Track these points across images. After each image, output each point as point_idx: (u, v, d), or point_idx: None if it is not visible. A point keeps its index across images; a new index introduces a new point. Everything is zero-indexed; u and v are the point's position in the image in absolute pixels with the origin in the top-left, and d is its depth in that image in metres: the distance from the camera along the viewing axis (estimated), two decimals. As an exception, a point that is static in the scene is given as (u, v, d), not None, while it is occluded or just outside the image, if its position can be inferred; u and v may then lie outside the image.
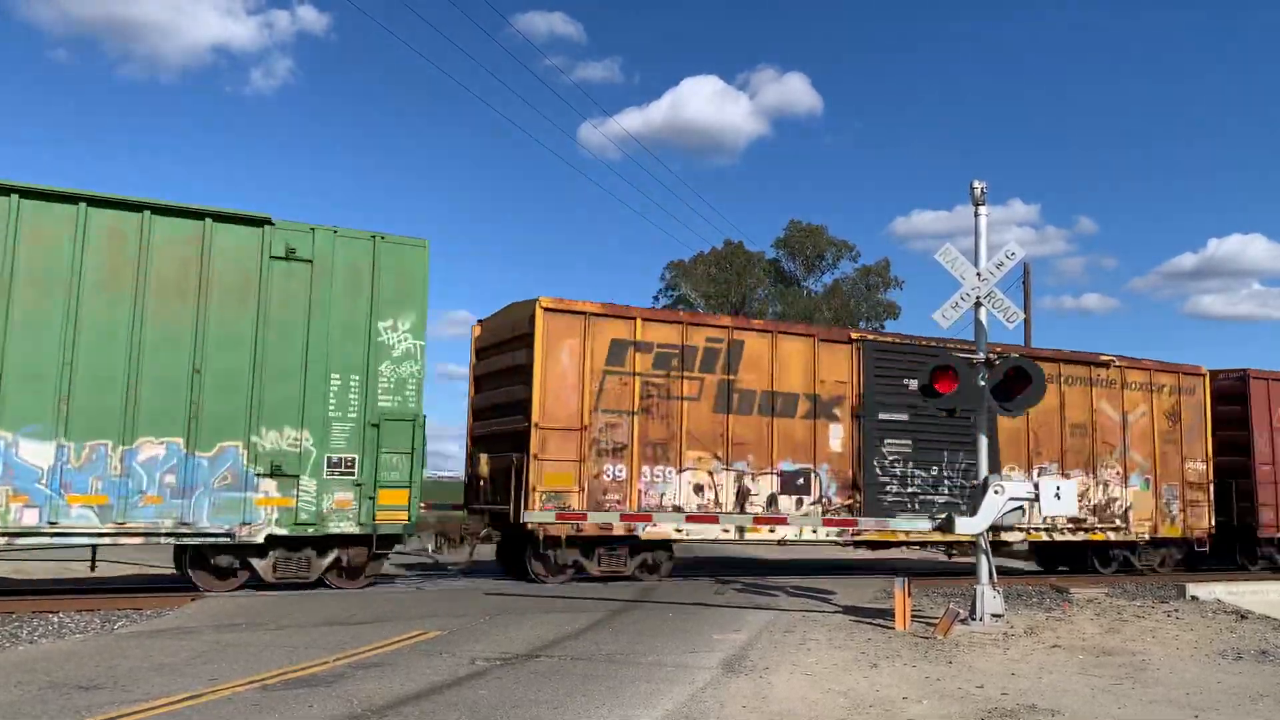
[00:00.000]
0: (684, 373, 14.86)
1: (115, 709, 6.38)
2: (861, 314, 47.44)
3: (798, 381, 15.69)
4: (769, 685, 7.51)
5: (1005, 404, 11.27)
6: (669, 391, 14.70)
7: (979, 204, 11.65)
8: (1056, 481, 11.56)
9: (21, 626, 9.68)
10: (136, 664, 7.90)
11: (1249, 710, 7.10)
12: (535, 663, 8.17)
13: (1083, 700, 7.26)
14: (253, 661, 7.99)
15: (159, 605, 11.12)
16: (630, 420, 14.37)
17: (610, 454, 14.22)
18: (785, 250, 50.12)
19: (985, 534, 11.10)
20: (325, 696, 6.78)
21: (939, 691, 7.46)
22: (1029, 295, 28.84)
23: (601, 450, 14.15)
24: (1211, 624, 11.46)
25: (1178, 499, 18.85)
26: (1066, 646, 9.68)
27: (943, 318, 11.50)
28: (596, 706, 6.67)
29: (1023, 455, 17.30)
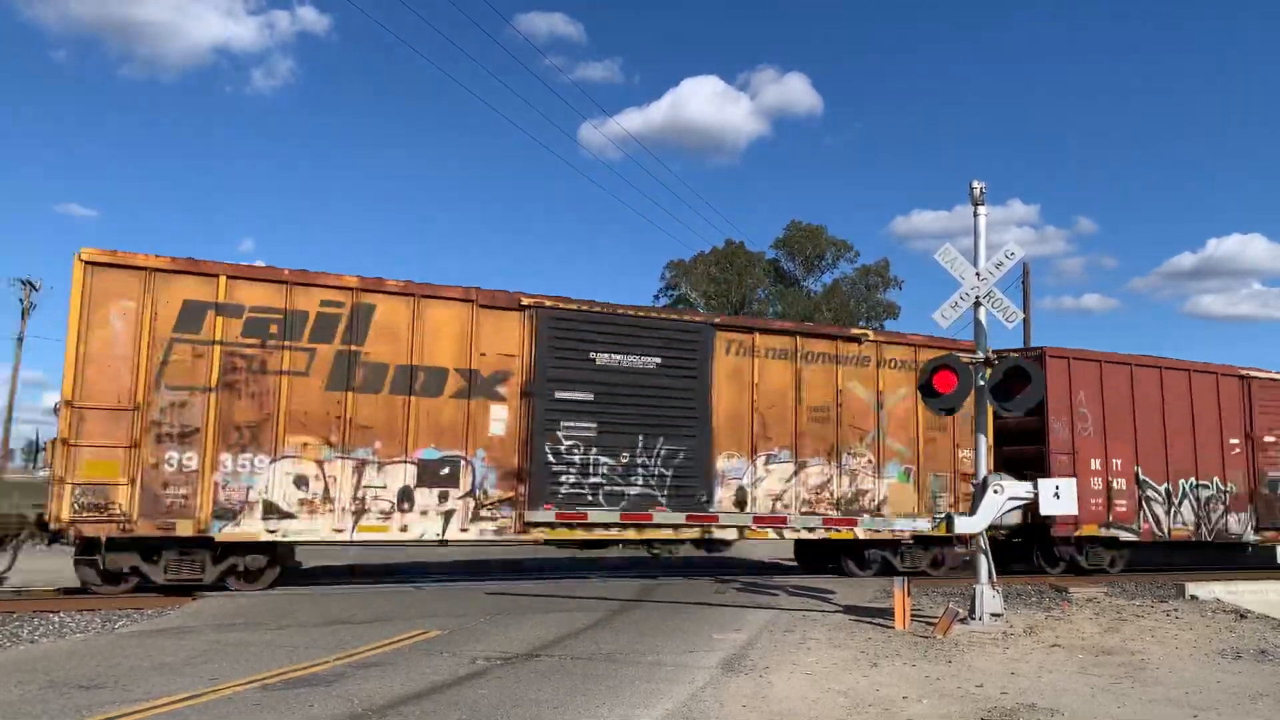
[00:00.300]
0: (287, 342, 12.49)
1: (116, 708, 6.40)
2: (861, 314, 47.48)
3: (448, 354, 13.30)
4: (769, 684, 7.52)
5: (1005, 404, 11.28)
6: (264, 364, 12.34)
7: (978, 204, 11.66)
8: (1056, 481, 11.57)
9: (22, 626, 9.70)
10: (137, 663, 7.91)
11: (1248, 710, 7.11)
12: (535, 662, 8.18)
13: (1082, 699, 7.27)
14: (253, 661, 8.00)
15: (160, 605, 11.13)
16: (206, 398, 11.97)
17: (176, 439, 11.82)
18: (785, 250, 50.17)
19: (984, 533, 11.12)
20: (326, 696, 6.79)
21: (939, 690, 7.47)
22: (1028, 295, 28.88)
23: (164, 435, 11.75)
24: (1211, 623, 11.47)
25: (948, 492, 16.58)
26: (1066, 646, 9.69)
27: (942, 317, 11.51)
28: (597, 706, 6.68)
29: (745, 440, 14.98)
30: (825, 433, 15.74)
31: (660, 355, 14.41)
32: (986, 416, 11.73)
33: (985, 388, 11.31)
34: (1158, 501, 18.18)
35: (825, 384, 15.84)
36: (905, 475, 16.22)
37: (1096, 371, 18.04)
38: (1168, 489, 18.35)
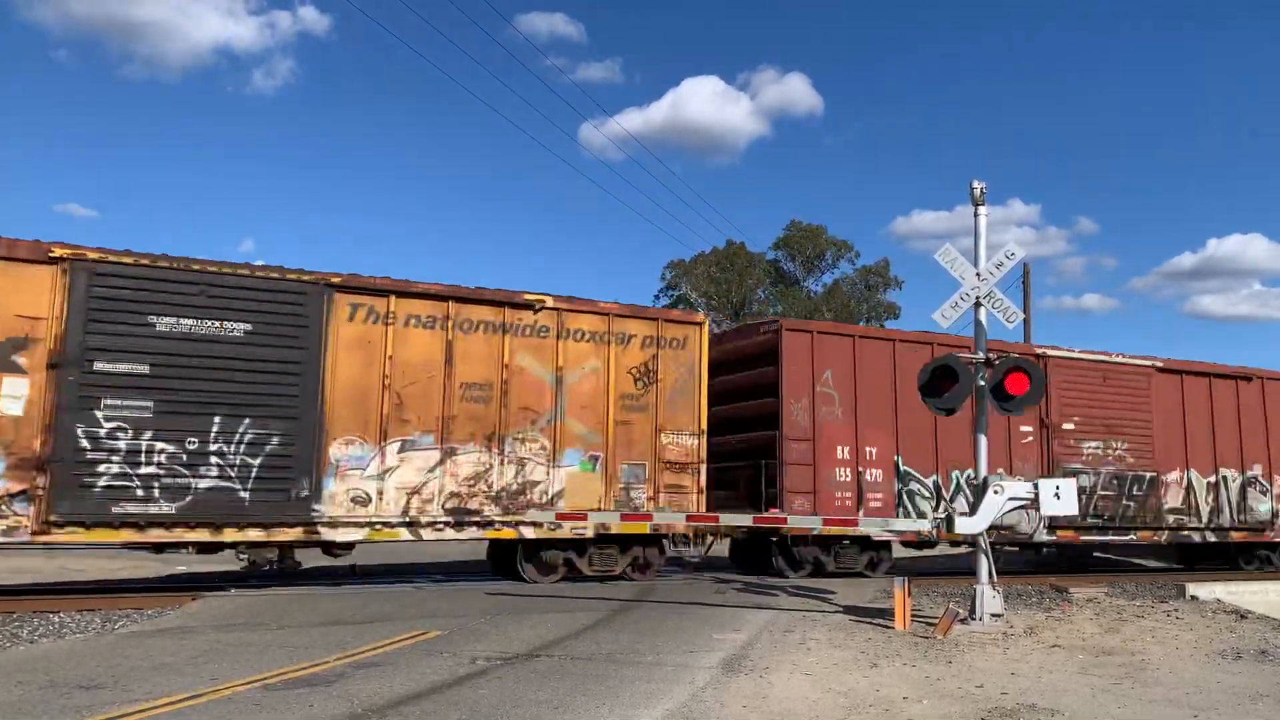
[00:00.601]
0: None
1: (116, 708, 6.40)
2: (862, 314, 47.50)
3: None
4: (769, 685, 7.52)
5: (1005, 404, 11.28)
6: None
7: (978, 204, 11.66)
8: (1056, 481, 11.55)
9: (22, 626, 9.69)
10: (137, 663, 7.91)
11: (1248, 710, 7.11)
12: (535, 662, 8.18)
13: (1082, 700, 7.27)
14: (253, 661, 8.00)
15: (160, 605, 11.12)
16: None
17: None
18: (785, 251, 50.18)
19: (985, 533, 11.11)
20: (326, 696, 6.79)
21: (939, 691, 7.47)
22: (1029, 295, 28.88)
23: None
24: (1211, 624, 11.46)
25: (646, 483, 14.25)
26: (1066, 646, 9.69)
27: (942, 317, 11.50)
28: (597, 706, 6.68)
29: (373, 423, 12.73)
30: (485, 415, 13.39)
31: (250, 321, 12.06)
32: (986, 416, 11.72)
33: (986, 388, 11.31)
34: (923, 496, 16.13)
35: (488, 357, 13.47)
36: (590, 464, 14.00)
37: (849, 348, 16.01)
38: (936, 481, 16.22)
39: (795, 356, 15.59)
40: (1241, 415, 19.11)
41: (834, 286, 49.26)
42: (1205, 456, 18.63)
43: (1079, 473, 17.22)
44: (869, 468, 15.82)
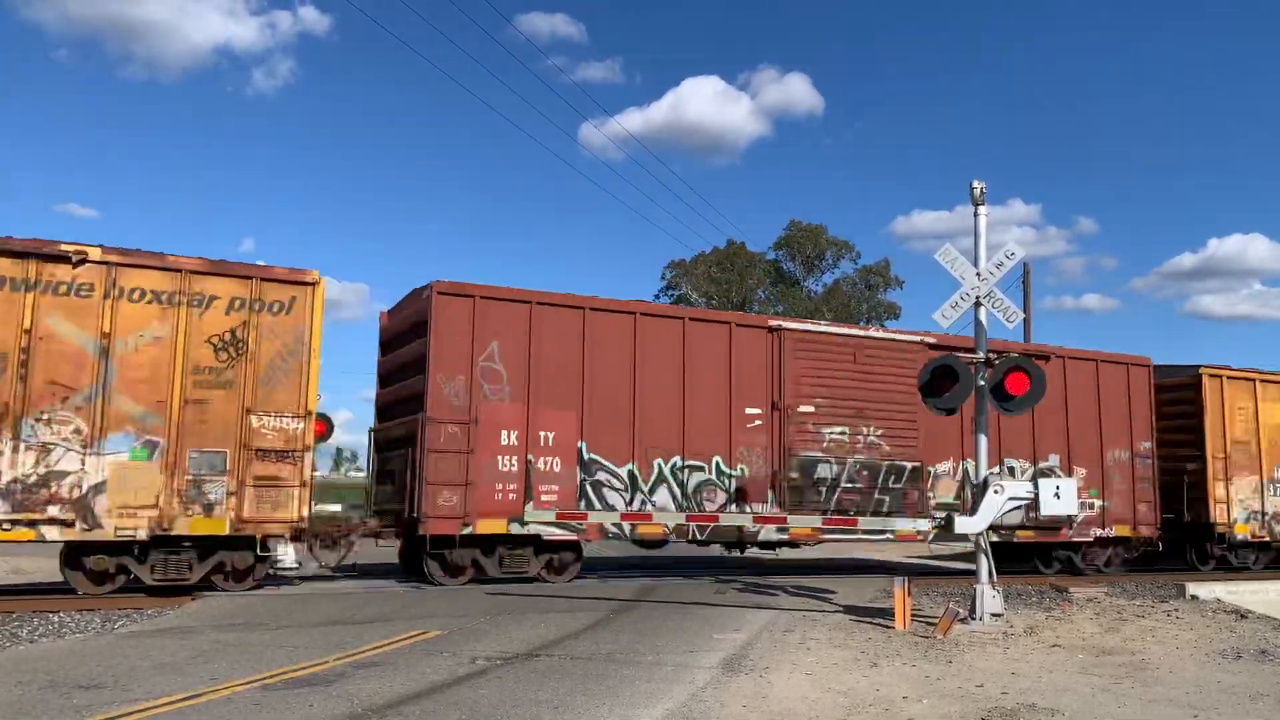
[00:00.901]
0: None
1: (116, 708, 6.39)
2: (862, 314, 47.50)
3: None
4: (769, 684, 7.52)
5: (1006, 404, 11.28)
6: None
7: (978, 204, 11.66)
8: (1057, 481, 11.55)
9: (22, 626, 9.69)
10: (137, 663, 7.90)
11: (1248, 710, 7.11)
12: (535, 662, 8.18)
13: (1083, 699, 7.27)
14: (253, 661, 7.99)
15: (159, 605, 11.12)
16: None
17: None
18: (786, 250, 50.19)
19: (985, 533, 11.11)
20: (326, 696, 6.79)
21: (939, 691, 7.46)
22: (1029, 295, 28.88)
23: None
24: (1211, 623, 11.46)
25: (226, 475, 11.86)
26: (1066, 646, 9.69)
27: (942, 317, 11.51)
28: (597, 705, 6.68)
29: None
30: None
31: None
32: (986, 416, 11.72)
33: (986, 387, 11.31)
34: (615, 488, 14.01)
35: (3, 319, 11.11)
36: (147, 451, 11.61)
37: (524, 317, 13.79)
38: (633, 471, 14.10)
39: (451, 326, 13.43)
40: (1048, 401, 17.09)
41: (834, 286, 49.27)
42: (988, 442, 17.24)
43: (818, 462, 15.31)
44: (544, 455, 13.62)
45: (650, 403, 14.38)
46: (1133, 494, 18.17)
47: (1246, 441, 19.35)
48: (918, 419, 15.97)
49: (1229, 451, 19.14)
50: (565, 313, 14.17)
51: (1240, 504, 19.27)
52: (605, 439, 14.09)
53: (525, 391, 13.67)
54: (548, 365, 13.88)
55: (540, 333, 13.88)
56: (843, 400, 15.79)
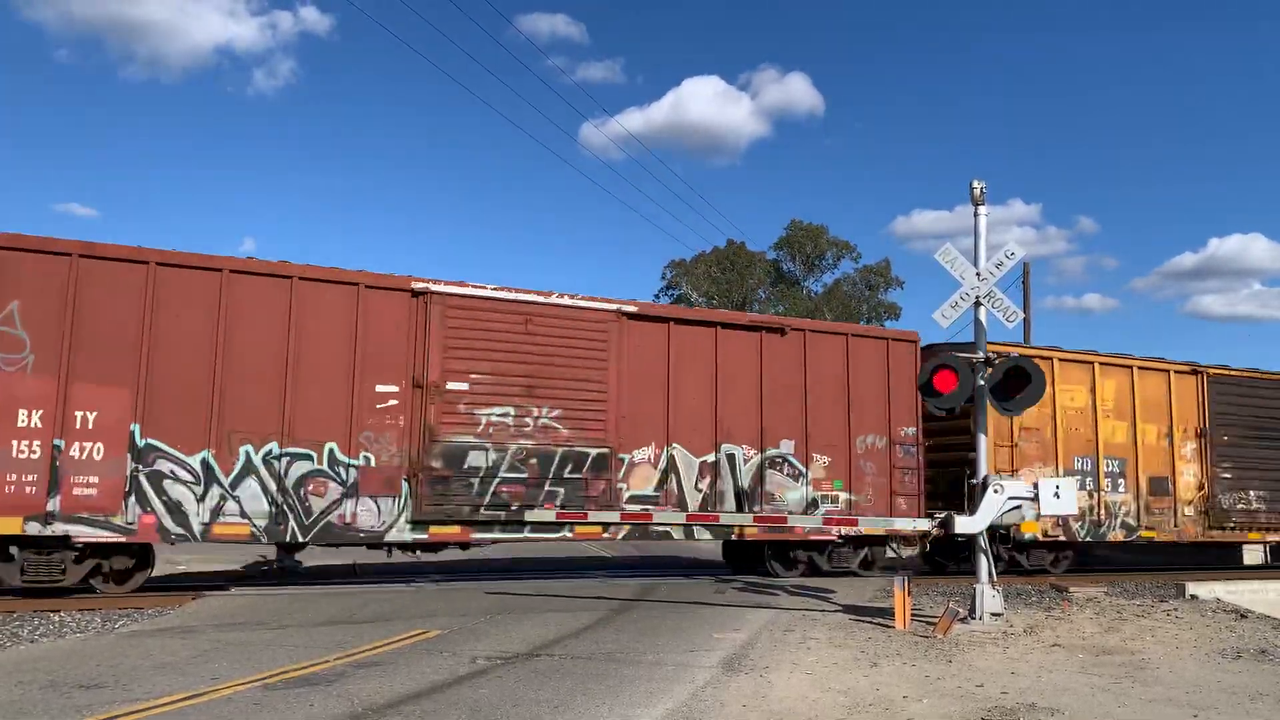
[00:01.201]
0: None
1: (116, 707, 6.40)
2: (862, 314, 47.52)
3: None
4: (769, 684, 7.52)
5: (1005, 404, 11.28)
6: None
7: (978, 204, 11.67)
8: (1057, 481, 11.55)
9: (22, 625, 9.70)
10: (137, 663, 7.91)
11: (1248, 709, 7.12)
12: (536, 661, 8.19)
13: (1082, 699, 7.27)
14: (254, 661, 8.00)
15: (160, 605, 11.13)
16: None
17: None
18: (787, 250, 50.20)
19: (984, 533, 11.12)
20: (326, 695, 6.79)
21: (939, 690, 7.47)
22: (1029, 295, 28.88)
23: None
24: (1211, 623, 11.47)
25: None
26: (1066, 645, 9.69)
27: (942, 317, 11.52)
28: (597, 705, 6.68)
29: None
30: None
31: None
32: (986, 415, 11.72)
33: (986, 387, 11.32)
34: (183, 480, 11.57)
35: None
36: None
37: (63, 272, 11.32)
38: (208, 459, 11.65)
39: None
40: (766, 378, 15.00)
41: (834, 286, 49.29)
42: (701, 429, 14.48)
43: (471, 449, 13.00)
44: (80, 440, 11.17)
45: (239, 378, 11.90)
46: (890, 486, 15.75)
47: (1038, 428, 16.98)
48: (610, 398, 13.89)
49: (1016, 439, 16.79)
50: (124, 269, 11.60)
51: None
52: (171, 420, 11.58)
53: (59, 363, 11.15)
54: (96, 331, 11.37)
55: (87, 293, 11.38)
56: (508, 376, 13.34)
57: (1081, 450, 17.45)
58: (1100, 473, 17.54)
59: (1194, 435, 18.67)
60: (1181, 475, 18.40)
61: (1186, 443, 18.58)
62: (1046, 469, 17.00)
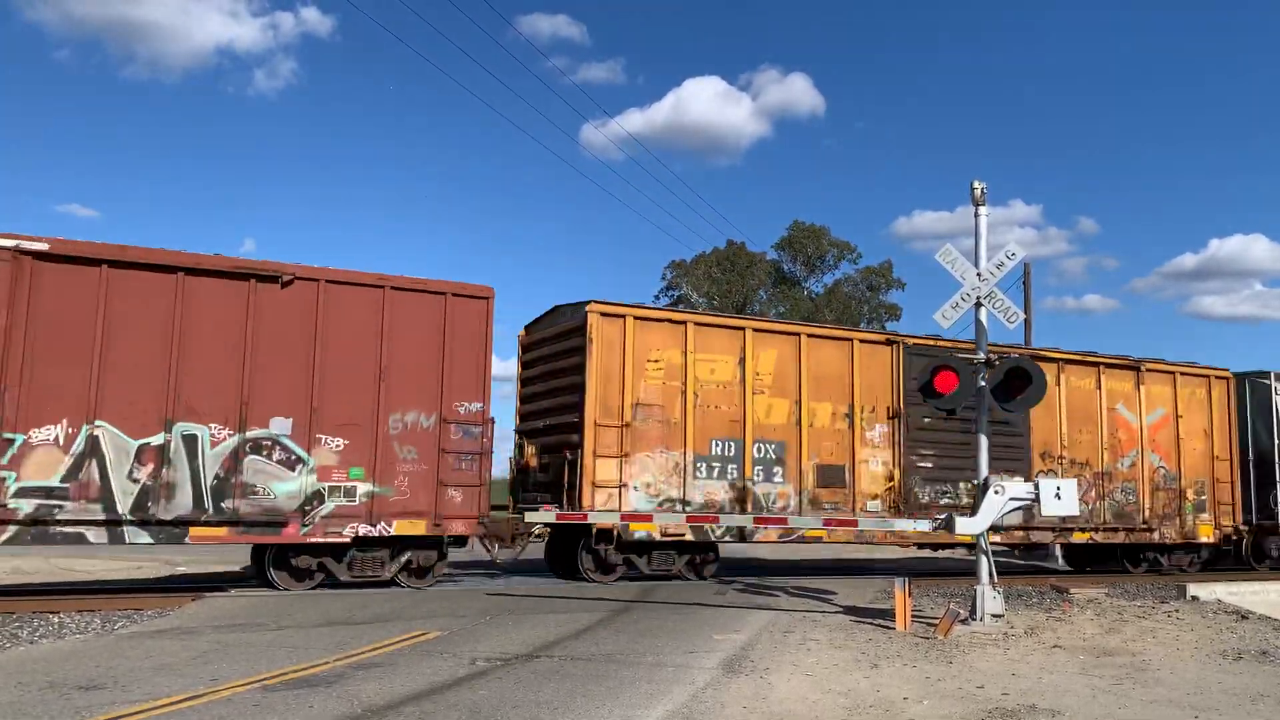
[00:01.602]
0: None
1: (116, 709, 6.39)
2: (863, 315, 47.51)
3: None
4: (769, 685, 7.51)
5: (1006, 404, 11.27)
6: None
7: (979, 204, 11.67)
8: (1057, 482, 11.53)
9: (22, 626, 9.69)
10: (137, 664, 7.90)
11: (1249, 710, 7.10)
12: (535, 663, 8.17)
13: (1083, 700, 7.26)
14: (253, 662, 7.99)
15: (160, 606, 11.12)
16: None
17: None
18: (788, 251, 50.20)
19: (985, 534, 11.11)
20: (326, 696, 6.78)
21: (940, 691, 7.46)
22: (1029, 295, 28.84)
23: None
24: (1212, 624, 11.45)
25: None
26: (1067, 647, 9.68)
27: (943, 318, 11.51)
28: (597, 707, 6.67)
29: None
30: None
31: None
32: (986, 416, 11.70)
33: (986, 387, 11.31)
34: None
35: None
36: None
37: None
38: None
39: None
40: (256, 338, 12.08)
41: (835, 287, 49.28)
42: (146, 403, 11.52)
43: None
44: None
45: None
46: (437, 475, 12.89)
47: (660, 404, 14.33)
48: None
49: (629, 417, 14.05)
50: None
51: (644, 490, 14.12)
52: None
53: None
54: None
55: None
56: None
57: (723, 432, 14.72)
58: (748, 459, 14.80)
59: (885, 416, 15.92)
60: (865, 464, 15.64)
61: (874, 425, 15.81)
62: (671, 453, 14.30)
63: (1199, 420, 19.23)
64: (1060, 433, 17.62)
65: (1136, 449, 18.42)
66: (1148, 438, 18.55)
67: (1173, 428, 18.90)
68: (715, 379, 14.85)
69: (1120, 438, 18.30)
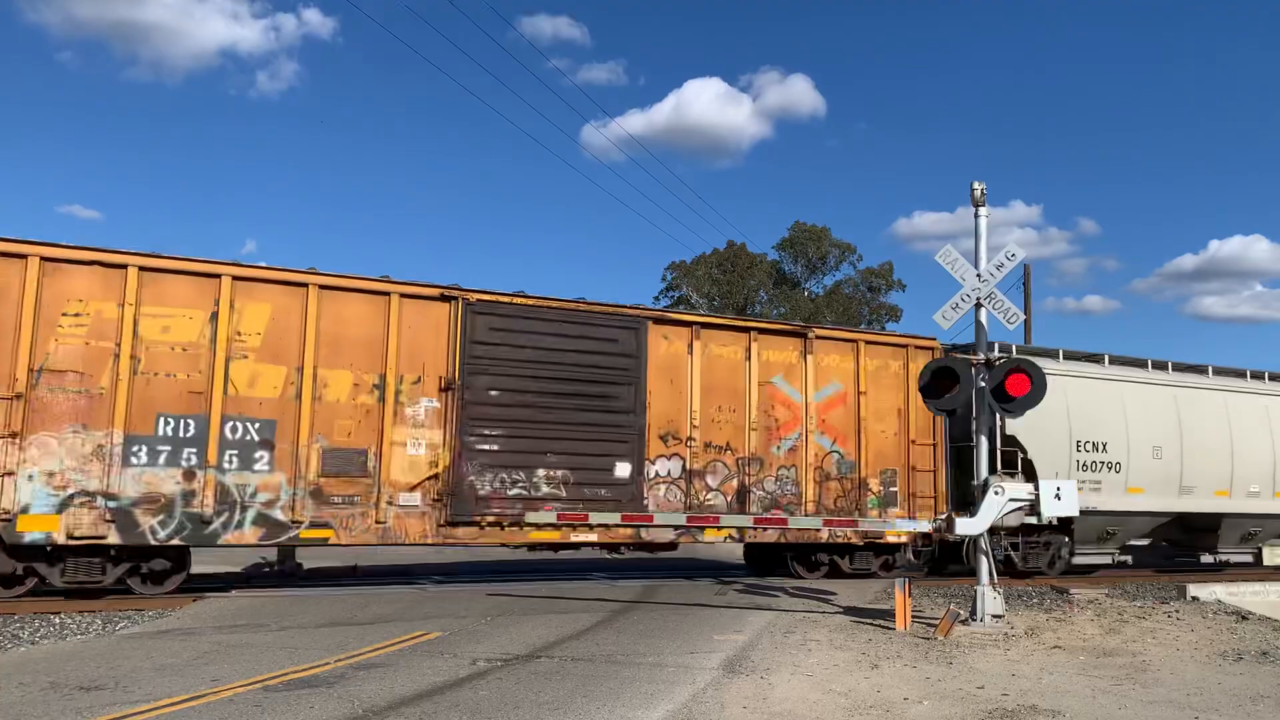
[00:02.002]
0: None
1: (117, 709, 6.40)
2: (864, 316, 47.53)
3: None
4: (770, 686, 7.52)
5: (1006, 405, 11.28)
6: None
7: (979, 205, 11.68)
8: (1058, 483, 11.54)
9: (23, 627, 9.70)
10: (138, 665, 7.91)
11: (1249, 711, 7.11)
12: (536, 663, 8.18)
13: (1083, 701, 7.27)
14: (254, 662, 8.00)
15: (161, 606, 11.13)
16: None
17: None
18: (789, 252, 50.22)
19: (986, 534, 11.11)
20: (327, 697, 6.79)
21: (940, 692, 7.47)
22: (1029, 296, 28.87)
23: None
24: (1212, 625, 11.45)
25: None
26: (1067, 647, 9.69)
27: (943, 319, 11.53)
28: (598, 707, 6.68)
29: None
30: None
31: None
32: (986, 417, 11.71)
33: (986, 388, 11.31)
34: None
35: None
36: None
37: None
38: None
39: None
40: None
41: (835, 288, 49.31)
42: None
43: None
44: None
45: None
46: None
47: (81, 371, 11.21)
48: None
49: (25, 386, 10.92)
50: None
51: (44, 481, 10.96)
52: None
53: None
54: None
55: None
56: None
57: (178, 406, 11.59)
58: (214, 440, 11.65)
59: (437, 389, 12.88)
60: (400, 447, 12.60)
61: (418, 400, 12.77)
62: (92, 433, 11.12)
63: (890, 398, 15.89)
64: (691, 410, 14.40)
65: (800, 430, 15.15)
66: (815, 417, 15.29)
67: (852, 406, 15.59)
68: (170, 339, 11.66)
69: (778, 417, 15.05)
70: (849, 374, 15.71)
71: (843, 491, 15.40)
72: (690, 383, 14.56)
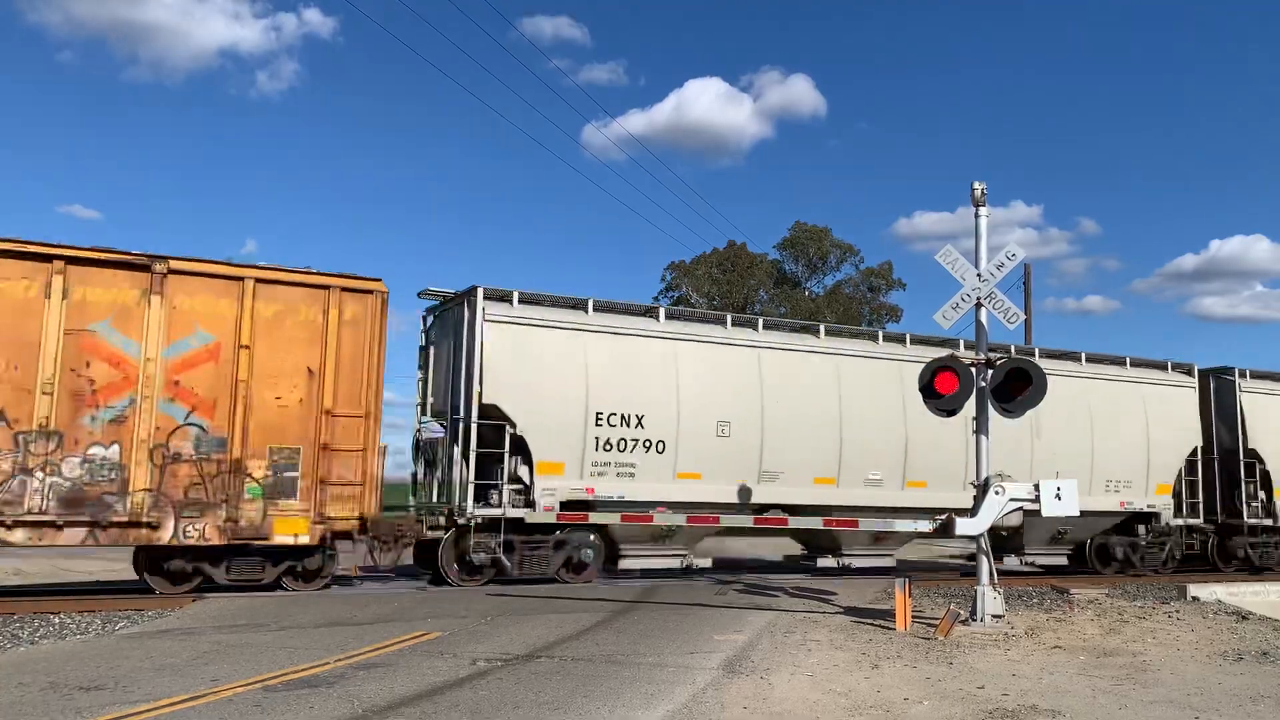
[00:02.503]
0: None
1: (117, 709, 6.40)
2: (864, 316, 47.51)
3: None
4: (770, 686, 7.51)
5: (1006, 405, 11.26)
6: None
7: (979, 205, 11.67)
8: (1058, 483, 11.52)
9: (23, 627, 9.70)
10: (138, 665, 7.91)
11: (1249, 711, 7.10)
12: (536, 663, 8.18)
13: (1084, 701, 7.26)
14: (254, 662, 8.00)
15: (160, 606, 11.13)
16: None
17: None
18: (790, 252, 50.19)
19: (985, 535, 11.10)
20: (326, 697, 6.79)
21: (940, 692, 7.46)
22: (1029, 296, 28.86)
23: None
24: (1212, 625, 11.45)
25: None
26: (1067, 647, 9.68)
27: (944, 318, 11.52)
28: (598, 707, 6.68)
29: None
30: None
31: None
32: (986, 417, 11.70)
33: (987, 388, 11.30)
34: None
35: None
36: None
37: None
38: None
39: None
40: None
41: (835, 288, 49.30)
42: None
43: None
44: None
45: None
46: None
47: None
48: None
49: None
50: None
51: None
52: None
53: None
54: None
55: None
56: None
57: None
58: None
59: None
60: None
61: None
62: None
63: (299, 354, 12.66)
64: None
65: (133, 395, 11.85)
66: (163, 378, 11.97)
67: (229, 364, 12.31)
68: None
69: (95, 377, 11.69)
70: (228, 322, 12.37)
71: (198, 478, 12.07)
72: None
